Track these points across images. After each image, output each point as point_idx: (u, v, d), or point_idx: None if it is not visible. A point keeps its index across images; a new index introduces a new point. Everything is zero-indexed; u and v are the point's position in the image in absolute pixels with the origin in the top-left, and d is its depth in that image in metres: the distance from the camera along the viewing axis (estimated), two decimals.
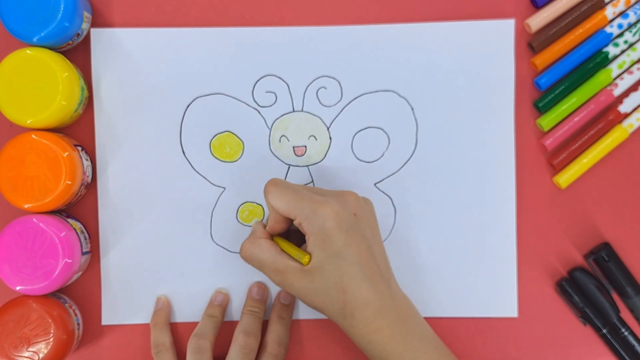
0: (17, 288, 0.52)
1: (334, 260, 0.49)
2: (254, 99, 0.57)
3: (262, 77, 0.57)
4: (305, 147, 0.57)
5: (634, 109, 0.57)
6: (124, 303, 0.57)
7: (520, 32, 0.57)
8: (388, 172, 0.57)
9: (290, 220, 0.52)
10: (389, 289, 0.50)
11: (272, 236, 0.54)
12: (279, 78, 0.57)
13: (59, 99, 0.52)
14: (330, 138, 0.57)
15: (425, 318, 0.57)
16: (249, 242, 0.53)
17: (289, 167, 0.57)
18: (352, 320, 0.49)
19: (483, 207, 0.57)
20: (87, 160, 0.55)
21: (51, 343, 0.52)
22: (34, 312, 0.52)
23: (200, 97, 0.57)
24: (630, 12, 0.57)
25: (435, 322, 0.57)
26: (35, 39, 0.52)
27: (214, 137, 0.57)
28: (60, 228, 0.52)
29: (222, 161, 0.57)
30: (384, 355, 0.49)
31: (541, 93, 0.58)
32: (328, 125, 0.57)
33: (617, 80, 0.57)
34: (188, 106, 0.57)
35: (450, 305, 0.57)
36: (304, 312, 0.57)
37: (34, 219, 0.52)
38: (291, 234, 0.55)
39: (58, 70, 0.52)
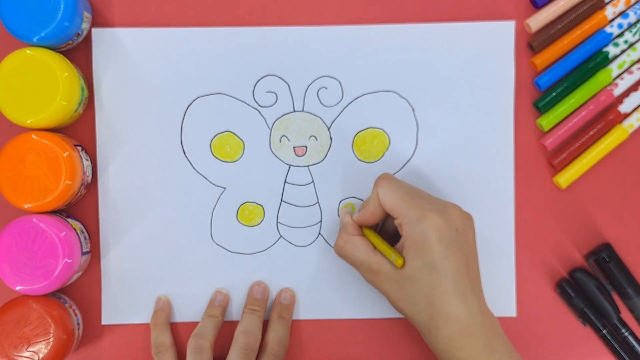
0: (17, 288, 0.52)
1: (428, 271, 0.48)
2: (254, 99, 0.57)
3: (262, 77, 0.57)
4: (306, 147, 0.57)
5: (634, 109, 0.57)
6: (124, 303, 0.57)
7: (520, 32, 0.57)
8: (388, 172, 0.57)
9: (385, 216, 0.53)
10: (479, 306, 0.49)
11: (362, 228, 0.54)
12: (280, 78, 0.57)
13: (59, 99, 0.52)
14: (330, 138, 0.57)
15: None
16: (342, 240, 0.53)
17: (289, 167, 0.57)
18: (437, 333, 0.48)
19: (482, 207, 0.57)
20: (87, 160, 0.55)
21: (51, 343, 0.52)
22: (34, 312, 0.52)
23: (201, 97, 0.57)
24: (630, 12, 0.57)
25: None
26: (35, 39, 0.52)
27: (214, 137, 0.57)
28: (60, 228, 0.52)
29: (223, 161, 0.57)
30: None
31: (541, 93, 0.58)
32: (329, 126, 0.57)
33: (617, 80, 0.57)
34: (189, 106, 0.57)
35: None
36: (304, 312, 0.57)
37: (34, 219, 0.52)
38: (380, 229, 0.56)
39: (58, 70, 0.52)
